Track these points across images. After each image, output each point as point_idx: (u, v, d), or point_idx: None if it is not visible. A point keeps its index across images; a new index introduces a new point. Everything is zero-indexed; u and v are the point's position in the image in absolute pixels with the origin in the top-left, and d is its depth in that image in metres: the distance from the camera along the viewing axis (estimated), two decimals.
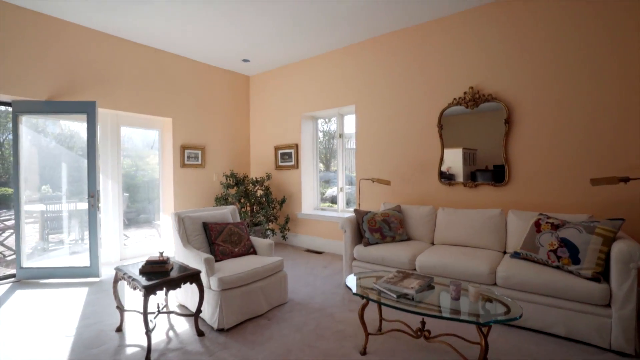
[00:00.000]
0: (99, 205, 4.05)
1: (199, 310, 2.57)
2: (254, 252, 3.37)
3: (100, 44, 4.23)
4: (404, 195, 4.27)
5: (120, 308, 2.63)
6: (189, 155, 5.17)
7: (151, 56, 4.74)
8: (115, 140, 4.58)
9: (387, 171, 4.41)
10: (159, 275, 2.47)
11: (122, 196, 4.70)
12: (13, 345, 2.44)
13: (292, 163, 5.48)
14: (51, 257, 4.25)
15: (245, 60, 5.33)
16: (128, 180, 5.05)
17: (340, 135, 5.23)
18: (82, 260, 3.95)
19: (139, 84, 4.62)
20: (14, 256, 4.56)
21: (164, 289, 2.37)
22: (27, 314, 2.95)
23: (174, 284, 2.41)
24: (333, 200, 5.76)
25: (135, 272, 2.52)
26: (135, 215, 5.78)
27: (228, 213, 3.60)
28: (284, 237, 5.32)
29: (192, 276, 2.52)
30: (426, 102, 4.05)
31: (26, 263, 3.85)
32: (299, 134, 5.40)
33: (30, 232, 4.53)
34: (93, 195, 3.82)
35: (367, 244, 3.47)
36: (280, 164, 5.67)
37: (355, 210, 3.67)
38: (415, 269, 3.08)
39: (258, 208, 5.25)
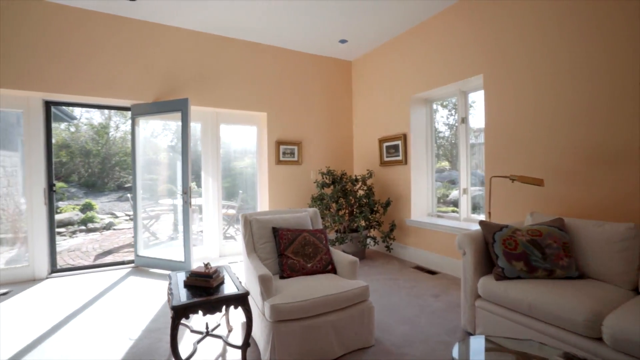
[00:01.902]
0: (191, 202, 4.07)
1: (246, 344, 1.99)
2: (333, 270, 2.61)
3: (197, 43, 4.30)
4: (570, 202, 2.72)
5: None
6: (284, 151, 4.84)
7: (245, 50, 4.60)
8: (215, 138, 4.62)
9: (537, 165, 2.94)
10: (202, 291, 2.01)
11: (221, 193, 4.72)
12: (92, 326, 2.41)
13: (399, 157, 4.47)
14: (163, 249, 4.57)
15: (343, 41, 4.64)
16: (231, 177, 5.10)
17: (463, 120, 3.91)
18: (181, 254, 4.04)
19: (235, 80, 4.53)
20: (156, 241, 5.19)
21: (200, 311, 1.87)
22: (124, 299, 3.03)
23: (211, 307, 1.89)
24: (457, 204, 4.46)
25: (182, 282, 2.13)
26: (244, 212, 5.89)
27: (307, 217, 2.95)
28: (388, 248, 4.37)
29: (236, 299, 1.95)
30: (615, 55, 2.43)
31: (141, 252, 4.18)
32: (408, 121, 4.35)
33: (164, 223, 5.05)
34: (186, 192, 3.83)
35: (502, 277, 2.22)
36: (386, 159, 4.74)
37: (481, 223, 2.45)
38: (601, 338, 1.70)
39: (358, 211, 4.47)
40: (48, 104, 3.86)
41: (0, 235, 4.10)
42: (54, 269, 3.95)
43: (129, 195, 11.15)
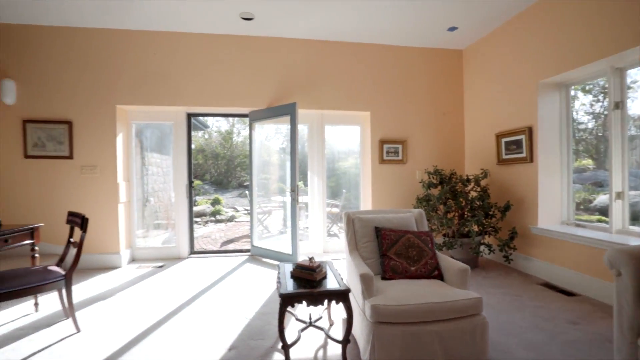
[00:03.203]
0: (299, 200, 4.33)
1: (346, 340, 2.00)
2: (439, 277, 2.41)
3: (304, 50, 4.57)
4: None
5: None
6: (388, 150, 4.73)
7: (348, 51, 4.67)
8: (320, 139, 4.84)
9: None
10: (306, 283, 2.11)
11: (325, 191, 4.91)
12: (214, 304, 2.83)
13: (523, 154, 3.84)
14: (274, 241, 5.02)
15: (452, 29, 4.25)
16: (335, 176, 5.26)
17: (617, 105, 3.09)
18: (289, 247, 4.36)
19: (338, 81, 4.65)
20: (268, 234, 5.81)
21: (304, 301, 1.97)
22: (241, 282, 3.46)
23: (314, 299, 1.96)
24: (604, 211, 3.57)
25: (289, 273, 2.29)
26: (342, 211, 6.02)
27: (411, 218, 2.81)
28: (506, 259, 3.81)
29: (337, 294, 1.98)
30: None
31: (256, 242, 4.69)
32: (534, 111, 3.70)
33: (275, 218, 5.60)
34: (294, 190, 4.11)
35: None
36: (505, 156, 4.14)
37: None
38: None
39: (469, 214, 4.04)
40: (189, 116, 4.70)
41: (159, 221, 5.20)
42: (192, 251, 4.79)
43: (247, 192, 12.77)
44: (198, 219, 8.71)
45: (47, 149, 4.13)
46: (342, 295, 1.99)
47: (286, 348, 1.97)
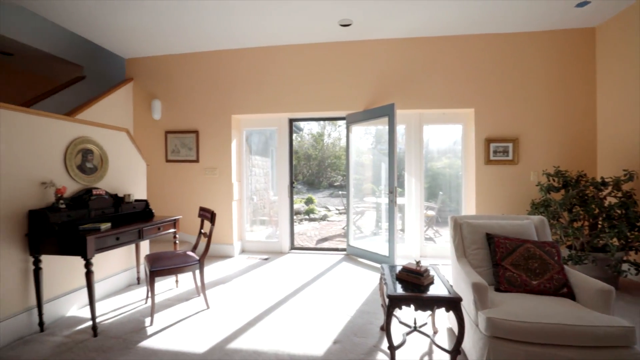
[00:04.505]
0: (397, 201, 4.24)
1: (456, 350, 1.90)
2: (569, 295, 2.09)
3: (400, 50, 4.46)
4: None
5: (384, 307, 2.49)
6: (495, 150, 4.29)
7: (448, 46, 4.38)
8: (418, 140, 4.67)
9: None
10: (413, 287, 2.08)
11: (423, 194, 4.72)
12: (316, 296, 3.01)
13: None
14: (367, 242, 5.05)
15: (582, 4, 3.60)
16: (429, 177, 5.01)
17: None
18: (384, 248, 4.33)
19: (438, 79, 4.41)
20: (361, 234, 5.90)
21: (412, 305, 1.94)
22: (339, 280, 3.60)
23: (423, 304, 1.92)
24: None
25: (393, 275, 2.28)
26: (442, 214, 5.69)
27: (530, 226, 2.50)
28: None
29: (447, 302, 1.90)
30: None
31: (351, 242, 4.79)
32: None
33: (368, 219, 5.67)
34: (392, 192, 4.06)
35: None
36: None
37: None
38: None
39: (605, 225, 3.38)
40: (291, 121, 5.07)
41: (263, 218, 5.76)
42: (292, 247, 5.16)
43: (340, 192, 13.08)
44: (294, 217, 9.31)
45: (181, 154, 4.99)
46: (452, 303, 1.89)
47: (392, 349, 1.97)
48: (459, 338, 1.89)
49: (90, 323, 2.60)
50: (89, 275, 2.45)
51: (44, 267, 2.61)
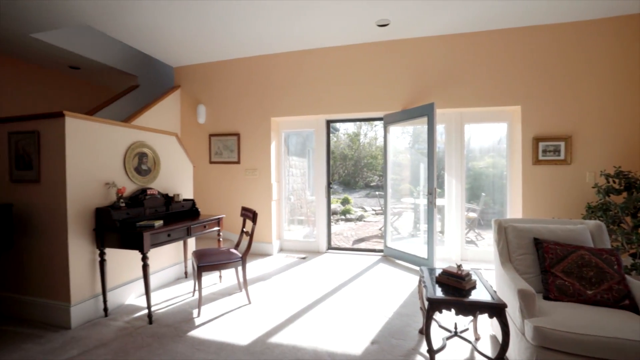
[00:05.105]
0: (436, 202, 4.14)
1: (500, 358, 1.83)
2: (631, 308, 1.92)
3: (440, 47, 4.32)
4: None
5: (423, 310, 2.46)
6: (545, 149, 4.02)
7: (492, 41, 4.17)
8: (459, 140, 4.51)
9: None
10: (454, 291, 2.03)
11: (464, 195, 4.55)
12: (355, 296, 3.04)
13: None
14: (404, 243, 4.96)
15: None
16: (471, 178, 4.82)
17: None
18: (423, 251, 4.24)
19: (481, 76, 4.22)
20: (398, 235, 5.83)
21: (453, 310, 1.90)
22: (376, 281, 3.59)
23: (464, 309, 1.87)
24: None
25: (433, 278, 2.25)
26: (484, 217, 5.45)
27: (585, 231, 2.33)
28: None
29: (491, 308, 1.84)
30: None
31: (389, 243, 4.75)
32: None
33: (405, 220, 5.59)
34: (431, 193, 3.97)
35: None
36: None
37: None
38: None
39: None
40: (328, 123, 5.13)
41: (300, 217, 5.88)
42: (329, 247, 5.21)
43: (376, 192, 12.96)
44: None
45: (223, 156, 5.24)
46: (496, 309, 1.83)
47: (432, 353, 1.95)
48: (503, 346, 1.83)
49: (145, 311, 2.84)
50: (145, 268, 2.69)
51: (107, 259, 2.90)
